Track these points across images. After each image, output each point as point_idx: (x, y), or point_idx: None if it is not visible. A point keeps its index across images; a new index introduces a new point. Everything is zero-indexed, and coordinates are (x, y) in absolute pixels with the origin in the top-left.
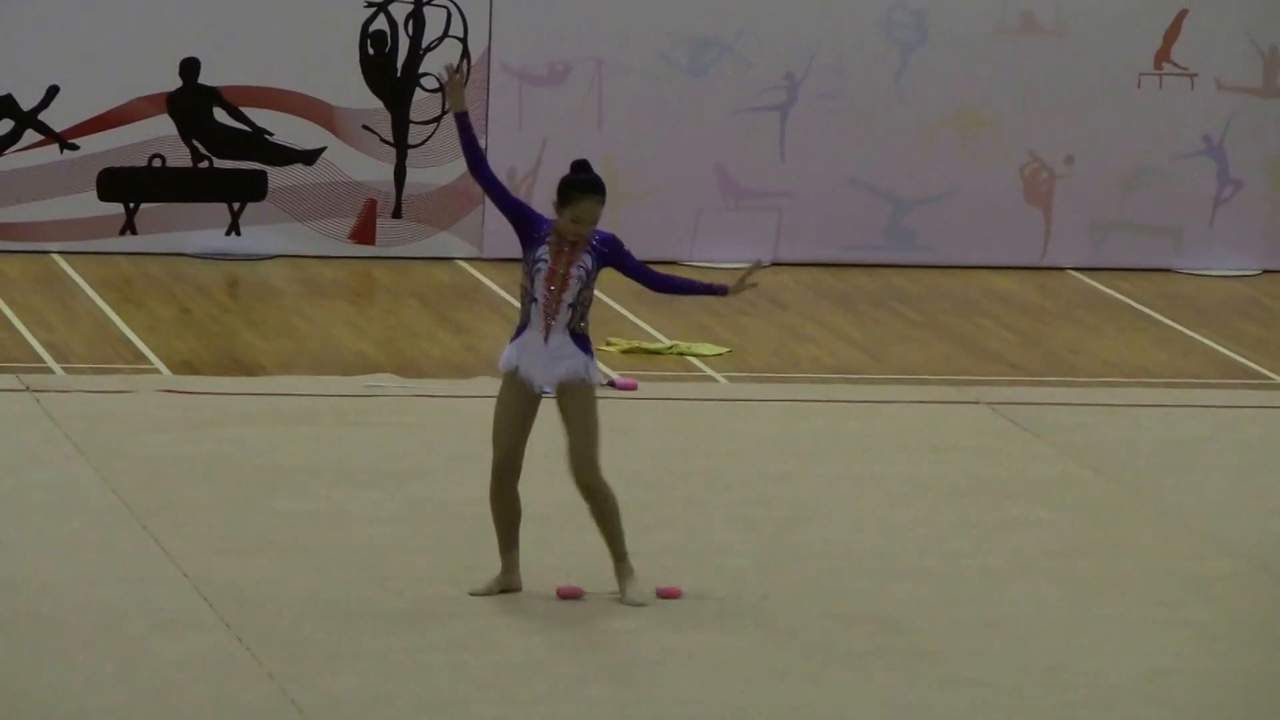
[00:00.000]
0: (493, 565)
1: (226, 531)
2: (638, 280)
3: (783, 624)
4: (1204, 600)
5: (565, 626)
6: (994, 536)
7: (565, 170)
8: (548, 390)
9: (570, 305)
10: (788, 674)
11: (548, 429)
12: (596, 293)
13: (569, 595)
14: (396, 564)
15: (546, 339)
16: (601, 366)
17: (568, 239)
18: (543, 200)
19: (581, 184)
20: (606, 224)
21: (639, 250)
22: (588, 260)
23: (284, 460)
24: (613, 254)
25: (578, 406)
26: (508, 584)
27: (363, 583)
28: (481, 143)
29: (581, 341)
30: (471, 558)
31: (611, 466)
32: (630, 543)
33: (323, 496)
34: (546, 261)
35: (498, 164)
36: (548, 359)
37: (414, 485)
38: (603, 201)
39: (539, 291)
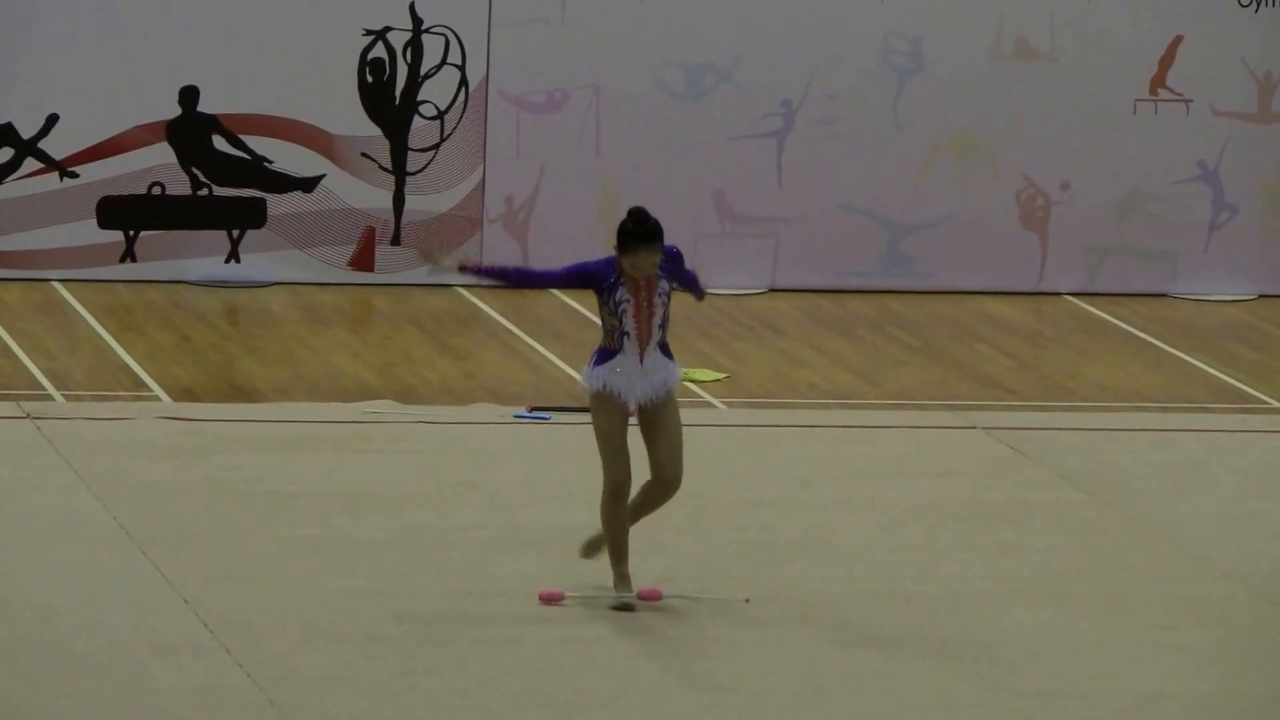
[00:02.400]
0: (490, 591)
1: (226, 558)
2: (687, 289)
3: (780, 649)
4: (1200, 623)
5: (563, 652)
6: (991, 561)
7: (563, 199)
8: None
9: (660, 325)
10: (786, 698)
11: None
12: (593, 317)
13: (550, 599)
14: (396, 590)
15: (642, 360)
16: None
17: (638, 277)
18: (541, 228)
19: (635, 235)
20: (605, 248)
21: None
22: (663, 284)
23: (284, 486)
24: (676, 267)
25: (672, 412)
26: (630, 596)
27: (363, 609)
28: (479, 171)
29: (667, 351)
30: (471, 583)
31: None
32: (629, 567)
33: (322, 522)
34: (629, 300)
35: (495, 192)
36: (644, 377)
37: (413, 511)
38: (658, 248)
39: (629, 326)
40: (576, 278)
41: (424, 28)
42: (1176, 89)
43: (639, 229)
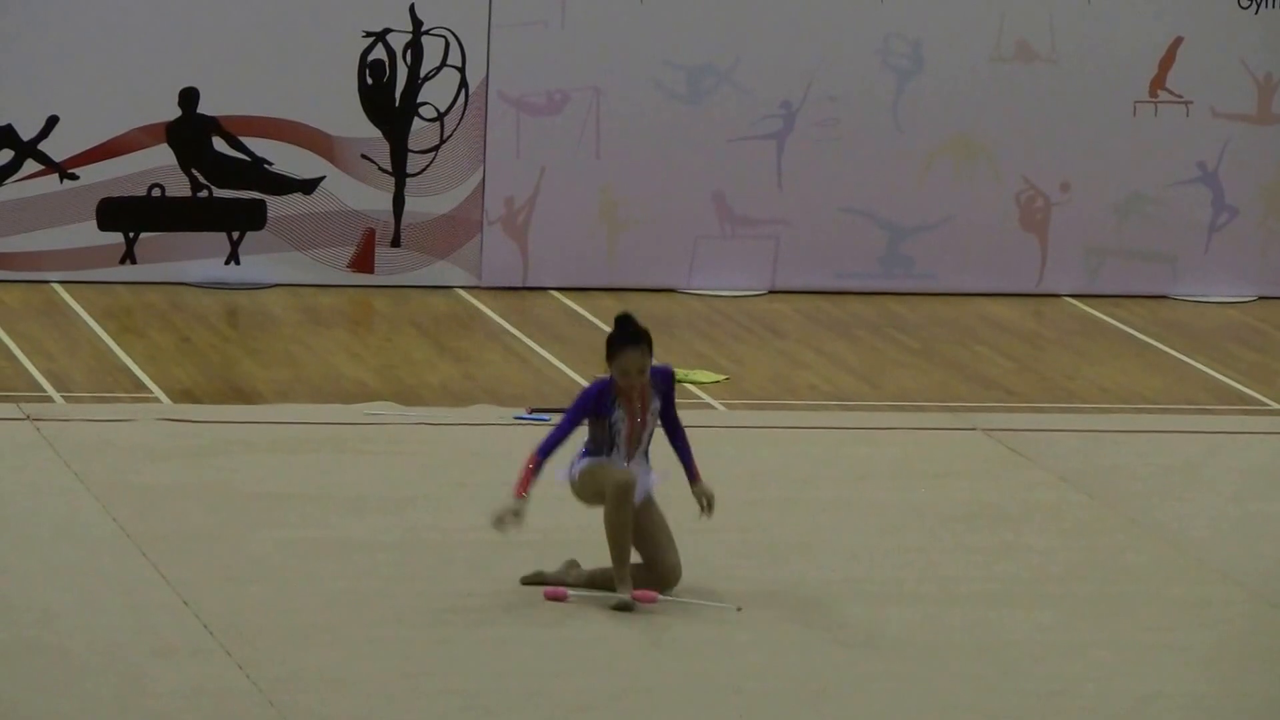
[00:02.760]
0: (490, 592)
1: (226, 559)
2: (665, 423)
3: (780, 650)
4: (1200, 625)
5: (563, 653)
6: (990, 562)
7: (564, 201)
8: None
9: (648, 439)
10: (785, 700)
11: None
12: (593, 319)
13: (555, 597)
14: (396, 592)
15: (628, 464)
16: None
17: (631, 392)
18: (541, 230)
19: (621, 339)
20: (605, 250)
21: (639, 277)
22: (655, 401)
23: (283, 488)
24: (666, 389)
25: (658, 511)
26: (627, 597)
27: (363, 611)
28: (479, 172)
29: (647, 457)
30: (471, 584)
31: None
32: (629, 570)
33: (322, 524)
34: (624, 421)
35: (495, 194)
36: (643, 477)
37: (413, 513)
38: (647, 351)
39: (620, 442)
40: (580, 412)
41: (424, 29)
42: (1176, 91)
43: (623, 332)
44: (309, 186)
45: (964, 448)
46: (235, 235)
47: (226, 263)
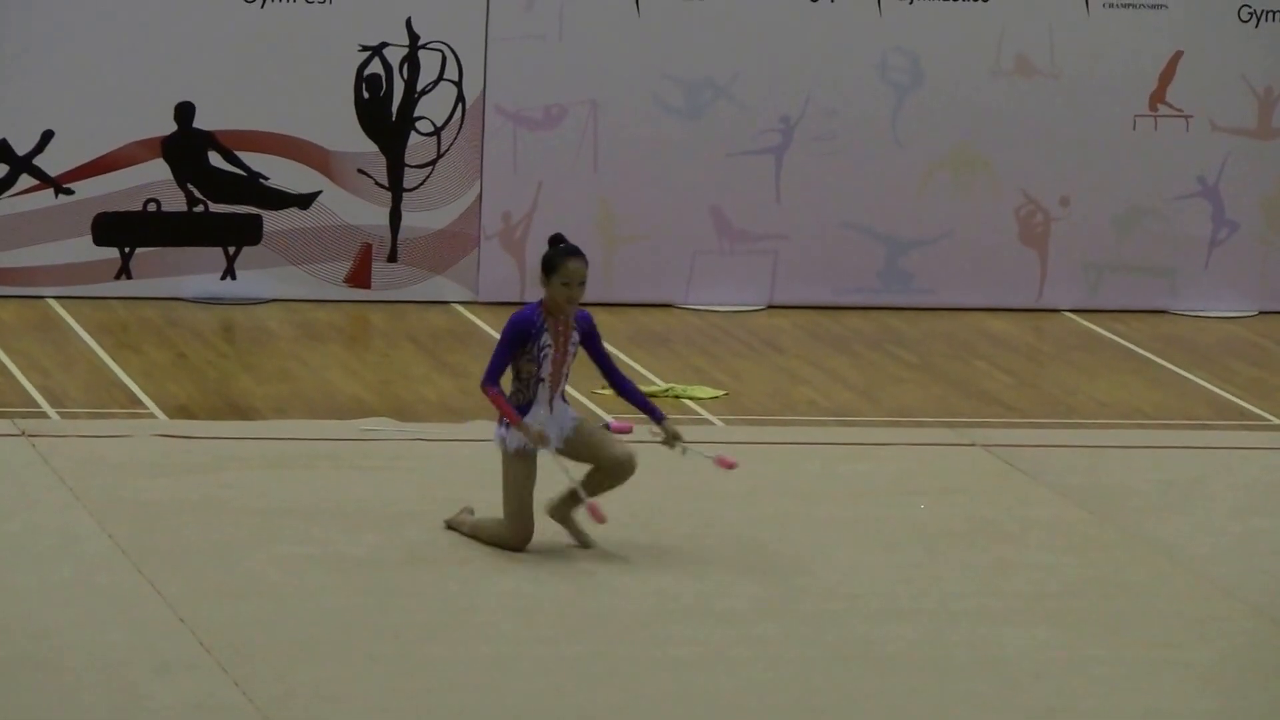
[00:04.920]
0: (488, 608)
1: (223, 575)
2: (598, 364)
3: (781, 666)
4: (1201, 641)
5: (560, 670)
6: (991, 578)
7: (561, 215)
8: (557, 448)
9: (567, 373)
10: (787, 716)
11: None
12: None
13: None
14: (394, 608)
15: (552, 409)
16: (597, 410)
17: (560, 318)
18: (538, 245)
19: (564, 251)
20: (602, 265)
21: (637, 292)
22: (575, 335)
23: (280, 504)
24: (589, 331)
25: (589, 432)
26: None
27: (360, 627)
28: (476, 187)
29: (564, 398)
30: (469, 600)
31: (608, 509)
32: (627, 585)
33: (319, 540)
34: (551, 346)
35: (492, 208)
36: (556, 423)
37: (411, 529)
38: (586, 263)
39: (546, 372)
40: (510, 341)
41: (420, 44)
42: (1176, 105)
43: (564, 245)
44: (305, 201)
45: (963, 464)
46: (231, 250)
47: (222, 278)
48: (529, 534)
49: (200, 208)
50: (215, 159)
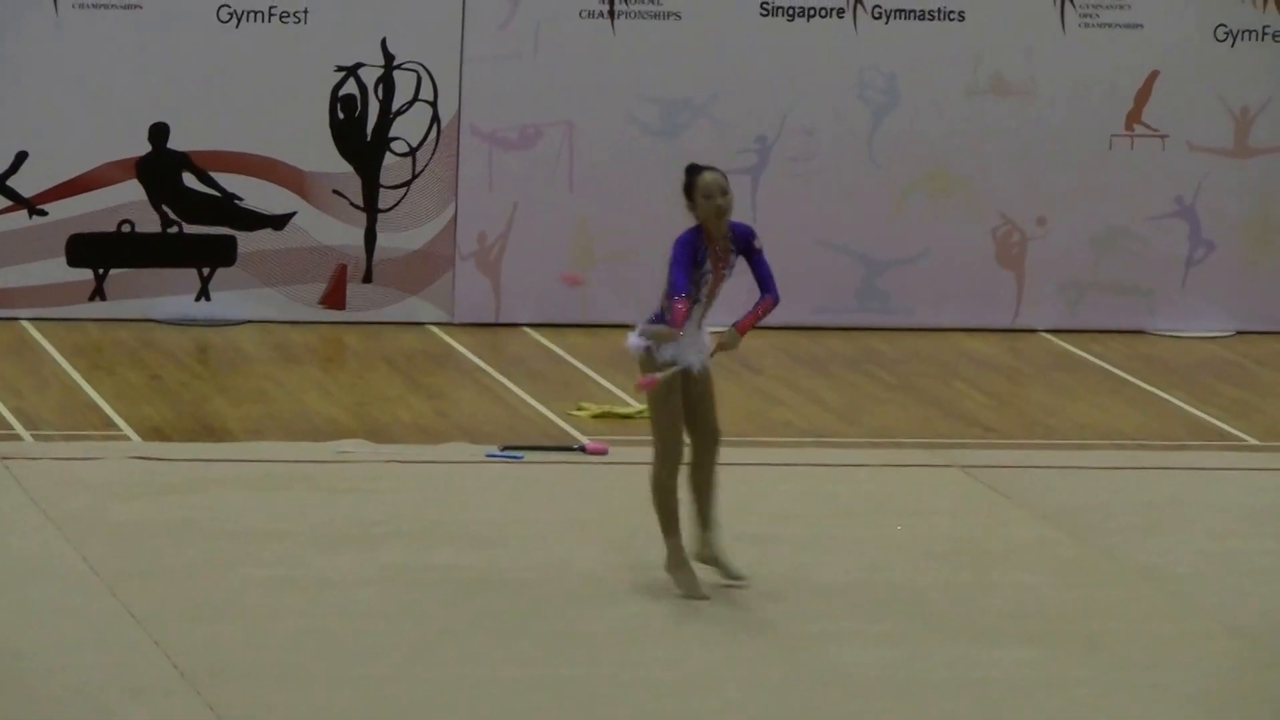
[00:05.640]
0: (465, 630)
1: (197, 598)
2: (756, 276)
3: (760, 689)
4: (1180, 663)
5: (538, 692)
6: (970, 599)
7: (537, 236)
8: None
9: (714, 298)
10: None
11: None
12: (566, 356)
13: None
14: (369, 630)
15: (699, 328)
16: (571, 431)
17: (718, 240)
18: (514, 266)
19: (693, 168)
20: (580, 289)
21: (614, 313)
22: (733, 256)
23: (255, 526)
24: (748, 247)
25: (709, 381)
26: (685, 562)
27: (335, 649)
28: (452, 208)
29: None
30: (446, 623)
31: (583, 532)
32: (604, 607)
33: (294, 562)
34: (710, 271)
35: (468, 229)
36: (698, 345)
37: (386, 551)
38: (723, 174)
39: (703, 295)
40: (685, 256)
41: (396, 64)
42: (1153, 124)
43: (695, 166)
44: (280, 222)
45: (943, 485)
46: (206, 271)
47: (197, 299)
48: (682, 448)
49: (175, 229)
50: (190, 180)
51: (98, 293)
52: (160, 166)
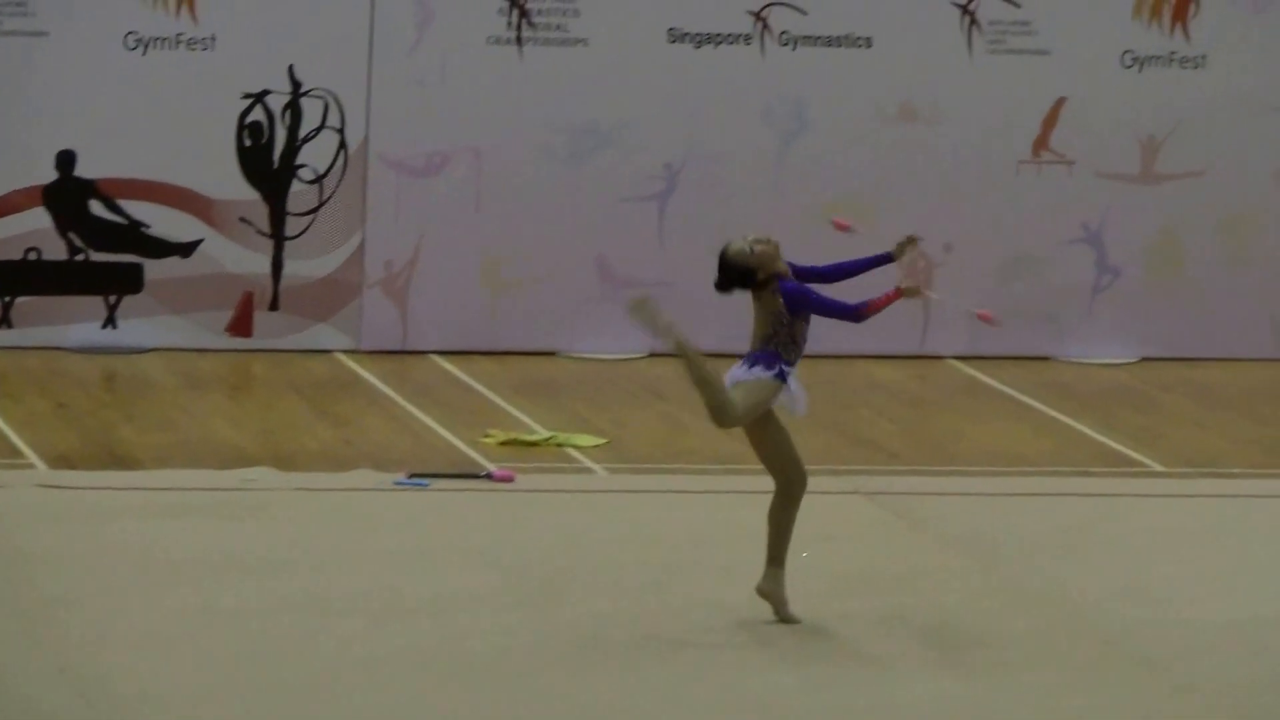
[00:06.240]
0: (374, 658)
1: (103, 626)
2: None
3: (668, 712)
4: (1086, 689)
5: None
6: (877, 627)
7: (444, 263)
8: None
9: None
10: None
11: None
12: (473, 383)
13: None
14: (280, 658)
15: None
16: (478, 458)
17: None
18: (421, 293)
19: (734, 251)
20: (486, 313)
21: (521, 340)
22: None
23: (162, 554)
24: (799, 304)
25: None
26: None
27: (244, 677)
28: (359, 235)
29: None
30: (356, 651)
31: (490, 559)
32: (505, 635)
33: (202, 590)
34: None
35: (375, 256)
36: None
37: (295, 579)
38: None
39: (801, 340)
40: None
41: (303, 91)
42: (1060, 151)
43: (727, 250)
44: (187, 250)
45: (847, 511)
46: (112, 299)
47: (104, 327)
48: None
49: (81, 256)
50: (97, 207)
51: (4, 320)
52: (67, 194)
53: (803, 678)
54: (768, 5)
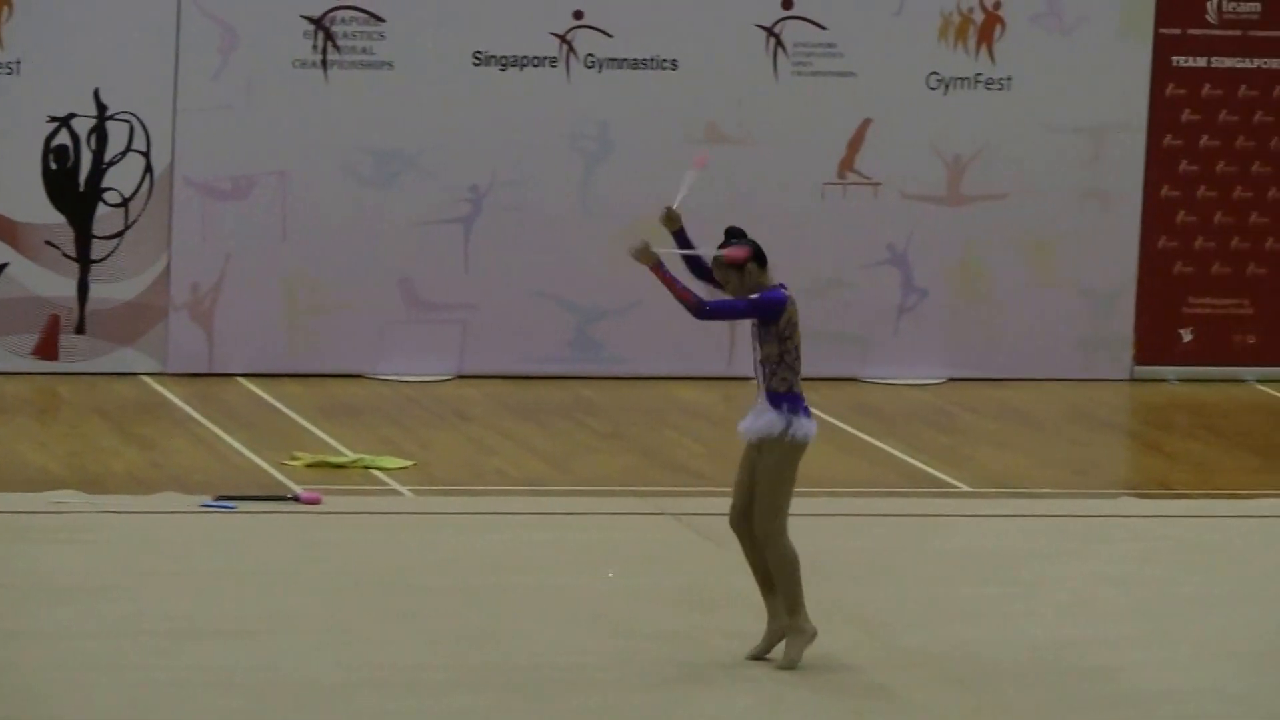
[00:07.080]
0: (187, 680)
1: None
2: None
3: None
4: (895, 711)
5: None
6: (681, 647)
7: (250, 286)
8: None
9: (758, 363)
10: None
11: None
12: (280, 405)
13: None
14: (88, 683)
15: (756, 399)
16: (284, 480)
17: None
18: (227, 316)
19: (761, 252)
20: (292, 336)
21: (327, 362)
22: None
23: None
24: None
25: (765, 462)
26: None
27: (56, 703)
28: (164, 258)
29: (775, 399)
30: (170, 674)
31: (297, 581)
32: (314, 658)
33: (11, 614)
34: (797, 327)
35: (181, 279)
36: (753, 415)
37: (105, 603)
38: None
39: (800, 368)
40: (768, 312)
41: (108, 114)
42: (865, 172)
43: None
44: None
45: (654, 533)
46: None
47: None
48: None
49: None
50: None
51: None
52: None
53: (607, 698)
54: (573, 28)
